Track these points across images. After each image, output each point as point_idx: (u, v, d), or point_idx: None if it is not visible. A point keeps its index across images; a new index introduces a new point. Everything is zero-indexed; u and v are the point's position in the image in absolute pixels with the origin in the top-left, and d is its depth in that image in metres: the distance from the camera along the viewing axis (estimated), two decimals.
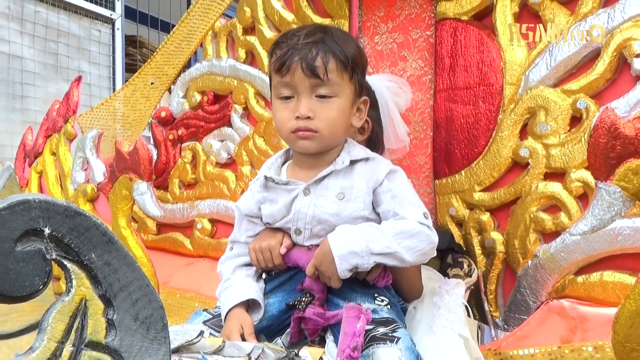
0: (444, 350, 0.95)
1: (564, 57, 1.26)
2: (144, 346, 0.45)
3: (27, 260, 0.41)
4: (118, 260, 0.45)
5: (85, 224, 0.43)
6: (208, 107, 1.99)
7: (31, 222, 0.41)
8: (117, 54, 3.29)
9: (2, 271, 0.39)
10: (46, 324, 0.42)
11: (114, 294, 0.45)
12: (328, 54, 1.02)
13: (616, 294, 1.21)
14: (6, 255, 0.40)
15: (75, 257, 0.43)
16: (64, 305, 0.43)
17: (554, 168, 1.28)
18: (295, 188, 1.05)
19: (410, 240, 0.96)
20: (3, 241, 0.39)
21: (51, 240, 0.42)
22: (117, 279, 0.45)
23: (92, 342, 0.44)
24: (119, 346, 0.44)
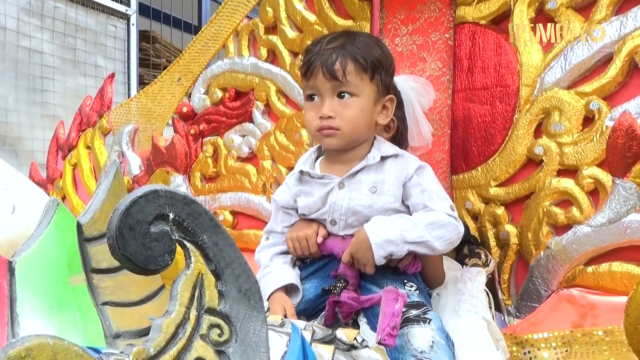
0: (469, 332, 1.04)
1: (578, 61, 1.34)
2: (247, 313, 0.53)
3: (158, 240, 0.48)
4: (223, 241, 0.53)
5: (198, 210, 0.51)
6: (229, 103, 2.06)
7: (160, 208, 0.49)
8: (132, 49, 3.35)
9: (142, 249, 0.47)
10: (176, 292, 0.50)
11: (222, 269, 0.53)
12: (347, 57, 1.11)
13: (624, 283, 1.30)
14: (144, 235, 0.47)
15: (192, 238, 0.51)
16: (187, 277, 0.51)
17: (567, 165, 1.36)
18: (330, 182, 1.14)
19: (440, 230, 1.05)
20: (141, 223, 0.47)
21: (174, 224, 0.50)
22: (223, 257, 0.53)
23: (209, 308, 0.52)
24: (229, 312, 0.52)
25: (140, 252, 0.47)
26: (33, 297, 0.46)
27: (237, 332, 0.51)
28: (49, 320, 0.47)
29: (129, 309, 0.52)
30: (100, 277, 0.51)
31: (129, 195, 0.48)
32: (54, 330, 0.47)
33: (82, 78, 3.09)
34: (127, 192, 1.58)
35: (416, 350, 0.92)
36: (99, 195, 0.55)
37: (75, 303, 0.49)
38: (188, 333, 0.49)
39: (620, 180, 0.89)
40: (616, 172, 0.90)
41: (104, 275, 0.51)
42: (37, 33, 2.82)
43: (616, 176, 0.90)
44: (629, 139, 0.88)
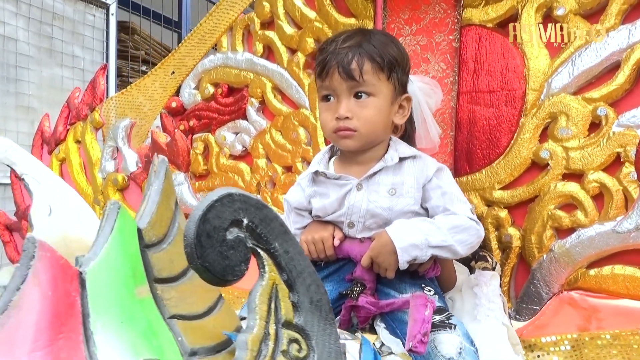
0: (489, 337, 1.04)
1: (586, 68, 1.36)
2: (320, 325, 0.50)
3: (234, 247, 0.45)
4: (293, 249, 0.49)
5: (270, 215, 0.48)
6: (222, 99, 2.00)
7: (235, 213, 0.45)
8: (111, 40, 3.22)
9: (219, 258, 0.43)
10: (254, 305, 0.46)
11: (294, 279, 0.49)
12: (363, 56, 1.08)
13: (626, 286, 1.32)
14: (220, 242, 0.43)
15: (264, 245, 0.47)
16: (263, 288, 0.47)
17: (572, 169, 1.38)
18: (347, 183, 1.11)
19: (462, 234, 1.03)
20: (218, 230, 0.43)
21: (247, 230, 0.46)
22: (294, 266, 0.49)
23: (286, 321, 0.48)
24: (304, 325, 0.49)
25: (218, 261, 0.43)
26: (105, 311, 0.41)
27: (314, 347, 0.48)
28: (123, 337, 0.42)
29: (196, 322, 0.48)
30: (164, 288, 0.47)
31: (205, 200, 0.44)
32: (130, 349, 0.42)
33: (59, 68, 2.94)
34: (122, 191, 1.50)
35: (444, 356, 0.91)
36: (152, 197, 0.50)
37: (144, 317, 0.45)
38: (271, 350, 0.45)
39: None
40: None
41: (166, 285, 0.47)
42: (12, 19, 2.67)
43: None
44: None
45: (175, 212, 0.52)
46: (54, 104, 2.78)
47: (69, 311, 0.38)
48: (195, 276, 0.51)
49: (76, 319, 0.39)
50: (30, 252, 0.37)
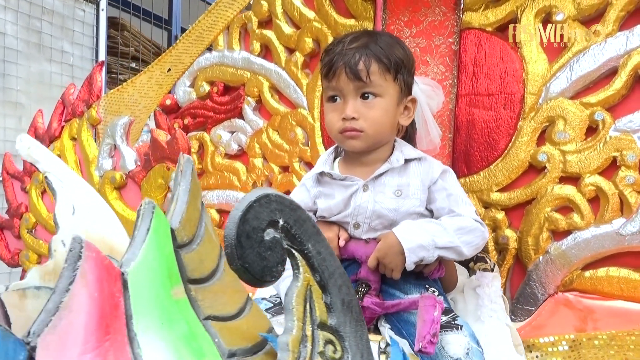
0: (493, 337, 1.05)
1: (584, 73, 1.38)
2: (352, 326, 0.50)
3: (271, 248, 0.44)
4: (325, 250, 0.49)
5: (303, 216, 0.48)
6: (218, 97, 1.99)
7: (271, 214, 0.44)
8: (101, 36, 3.17)
9: (258, 259, 0.43)
10: (291, 306, 0.46)
11: (326, 280, 0.49)
12: (370, 57, 1.08)
13: (620, 287, 1.35)
14: (259, 243, 0.43)
15: (298, 246, 0.47)
16: (298, 289, 0.47)
17: (569, 173, 1.40)
18: (353, 184, 1.11)
19: (468, 236, 1.04)
20: (256, 231, 0.43)
21: (282, 231, 0.46)
22: (326, 267, 0.49)
23: (321, 323, 0.48)
24: (337, 327, 0.49)
25: (256, 262, 0.43)
26: (147, 313, 0.40)
27: (348, 348, 0.48)
28: (164, 339, 0.41)
29: (230, 324, 0.47)
30: (197, 288, 0.46)
31: (243, 200, 0.43)
32: (173, 351, 0.41)
33: (47, 63, 2.89)
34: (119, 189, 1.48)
35: (451, 357, 0.92)
36: (180, 196, 0.50)
37: (182, 319, 0.44)
38: (309, 351, 0.45)
39: None
40: None
41: (199, 286, 0.46)
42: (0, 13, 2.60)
43: None
44: None
45: (202, 211, 0.52)
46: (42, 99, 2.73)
47: (114, 312, 0.37)
48: (225, 277, 0.51)
49: (121, 320, 0.38)
50: (76, 252, 0.36)
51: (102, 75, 1.54)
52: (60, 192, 0.53)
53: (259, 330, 0.50)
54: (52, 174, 0.55)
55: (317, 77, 1.78)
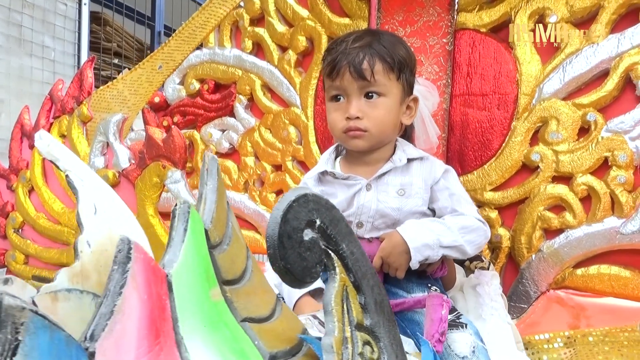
0: (495, 335, 1.06)
1: (576, 75, 1.41)
2: (386, 327, 0.50)
3: (310, 249, 0.44)
4: (357, 250, 0.49)
5: (337, 216, 0.47)
6: (208, 95, 1.96)
7: (309, 214, 0.44)
8: (83, 31, 3.10)
9: (298, 259, 0.42)
10: (330, 307, 0.45)
11: (359, 280, 0.49)
12: (374, 56, 1.08)
13: (611, 285, 1.38)
14: (299, 243, 0.43)
15: (334, 246, 0.47)
16: (336, 290, 0.47)
17: (562, 172, 1.42)
18: (356, 183, 1.11)
19: (472, 235, 1.05)
20: (296, 231, 0.42)
21: (319, 231, 0.46)
22: (359, 267, 0.49)
23: (358, 324, 0.48)
24: (372, 327, 0.48)
25: (297, 262, 0.42)
26: (190, 315, 0.39)
27: (383, 349, 0.48)
28: (208, 342, 0.40)
29: (266, 325, 0.46)
30: (231, 290, 0.45)
31: (283, 200, 0.43)
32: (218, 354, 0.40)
33: (28, 58, 2.80)
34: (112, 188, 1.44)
35: (458, 355, 0.92)
36: (209, 196, 0.49)
37: (222, 321, 0.43)
38: (350, 352, 0.44)
39: None
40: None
41: (233, 287, 0.45)
42: None
43: None
44: None
45: (228, 211, 0.51)
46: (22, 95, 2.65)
47: (162, 315, 0.36)
48: (254, 277, 0.50)
49: (168, 323, 0.37)
50: (125, 254, 0.35)
51: (92, 72, 1.51)
52: (82, 192, 0.51)
53: (293, 332, 0.49)
54: (73, 173, 0.53)
55: (310, 75, 1.78)
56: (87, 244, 0.48)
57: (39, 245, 1.53)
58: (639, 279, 1.35)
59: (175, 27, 4.53)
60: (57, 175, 1.48)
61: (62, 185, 1.47)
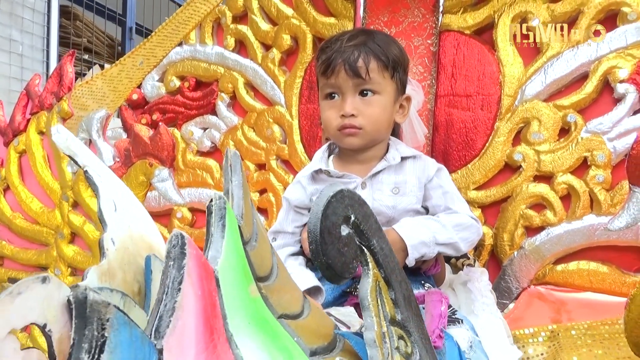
0: (488, 330, 1.08)
1: (557, 77, 1.45)
2: (415, 321, 0.50)
3: (347, 244, 0.44)
4: (386, 246, 0.49)
5: (368, 212, 0.47)
6: (189, 93, 1.93)
7: (345, 209, 0.44)
8: (52, 25, 2.99)
9: (337, 254, 0.42)
10: (367, 302, 0.45)
11: (389, 275, 0.49)
12: (369, 55, 1.10)
13: (590, 280, 1.43)
14: (337, 238, 0.43)
15: (366, 242, 0.47)
16: (370, 286, 0.47)
17: (543, 171, 1.47)
18: (351, 182, 1.12)
19: (465, 232, 1.07)
20: (335, 226, 0.42)
21: (353, 227, 0.46)
22: (388, 263, 0.49)
23: (392, 319, 0.48)
24: (403, 321, 0.49)
25: (337, 257, 0.42)
26: (236, 312, 0.38)
27: (415, 343, 0.48)
28: (254, 339, 0.39)
29: (301, 322, 0.46)
30: (265, 286, 0.44)
31: (322, 196, 0.43)
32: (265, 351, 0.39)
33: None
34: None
35: None
36: (236, 192, 0.48)
37: (262, 317, 0.42)
38: (389, 347, 0.45)
39: (639, 189, 0.99)
40: (636, 181, 1.00)
41: (266, 284, 0.45)
42: None
43: (636, 185, 1.00)
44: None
45: (253, 207, 0.50)
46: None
47: (214, 312, 0.35)
48: (281, 274, 0.50)
49: (219, 320, 0.36)
50: (179, 249, 0.34)
51: (72, 66, 1.46)
52: (102, 188, 0.50)
53: (326, 328, 0.49)
54: (92, 169, 0.51)
55: (295, 74, 1.77)
56: (112, 242, 0.47)
57: (16, 246, 1.47)
58: (616, 274, 1.40)
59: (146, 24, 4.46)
60: (36, 173, 1.43)
61: (41, 184, 1.42)
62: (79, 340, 0.28)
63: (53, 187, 1.40)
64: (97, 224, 1.34)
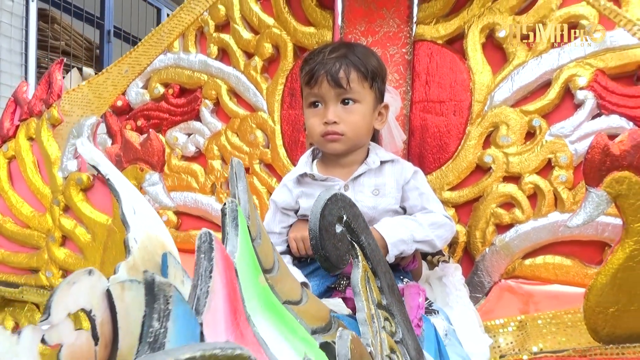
0: (462, 320, 1.17)
1: (523, 84, 1.56)
2: (397, 306, 0.58)
3: (341, 240, 0.51)
4: (372, 242, 0.57)
5: (357, 212, 0.55)
6: (173, 99, 1.99)
7: (339, 210, 0.52)
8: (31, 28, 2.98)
9: (333, 249, 0.50)
10: (358, 289, 0.53)
11: (375, 266, 0.57)
12: (350, 66, 1.18)
13: (555, 273, 1.54)
14: (333, 235, 0.50)
15: (356, 238, 0.55)
16: (360, 275, 0.54)
17: (511, 172, 1.57)
18: (334, 184, 1.20)
19: (440, 230, 1.16)
20: (331, 225, 0.50)
21: (345, 225, 0.53)
22: (374, 256, 0.57)
23: (379, 303, 0.55)
24: (388, 305, 0.56)
25: (333, 251, 0.50)
26: (251, 297, 0.45)
27: (397, 324, 0.56)
28: (267, 319, 0.45)
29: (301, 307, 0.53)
30: (270, 277, 0.51)
31: (319, 200, 0.50)
32: (277, 330, 0.46)
33: None
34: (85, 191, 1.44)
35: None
36: (242, 196, 0.55)
37: (271, 302, 0.49)
38: (377, 325, 0.52)
39: (594, 189, 1.09)
40: (591, 182, 1.10)
41: (270, 275, 0.52)
42: None
43: (591, 185, 1.10)
44: (604, 156, 1.07)
45: (255, 209, 0.57)
46: None
47: (235, 296, 0.42)
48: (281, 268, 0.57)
49: (240, 303, 0.43)
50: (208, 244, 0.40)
51: (61, 74, 1.50)
52: (123, 194, 0.56)
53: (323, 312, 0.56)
54: (113, 177, 0.58)
55: (276, 81, 1.84)
56: (135, 241, 0.53)
57: (6, 249, 1.50)
58: (578, 267, 1.51)
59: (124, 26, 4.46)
60: (26, 179, 1.47)
61: (32, 189, 1.46)
62: (150, 311, 0.35)
63: (44, 192, 1.43)
64: (87, 227, 1.39)
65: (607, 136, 1.16)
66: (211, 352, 0.25)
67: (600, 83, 1.48)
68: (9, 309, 1.55)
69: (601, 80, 1.48)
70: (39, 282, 1.46)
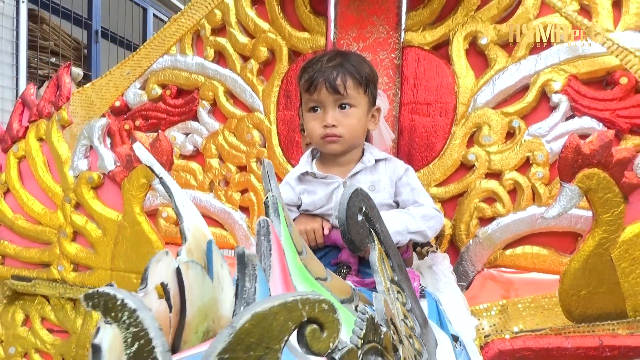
0: (451, 305, 1.29)
1: (503, 88, 1.69)
2: (406, 282, 0.69)
3: (362, 227, 0.62)
4: (385, 229, 0.68)
5: (372, 204, 0.66)
6: (171, 100, 2.07)
7: (359, 202, 0.62)
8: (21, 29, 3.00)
9: (357, 234, 0.60)
10: (376, 267, 0.64)
11: (387, 249, 0.67)
12: (346, 74, 1.29)
13: (533, 262, 1.68)
14: (356, 223, 0.61)
15: (372, 226, 0.65)
16: (377, 257, 0.65)
17: (493, 169, 1.70)
18: (334, 182, 1.30)
19: (431, 222, 1.28)
20: (354, 214, 0.60)
21: (364, 215, 0.64)
22: (386, 240, 0.67)
23: (392, 279, 0.66)
24: (399, 281, 0.67)
25: (356, 236, 0.60)
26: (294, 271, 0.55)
27: (407, 297, 0.67)
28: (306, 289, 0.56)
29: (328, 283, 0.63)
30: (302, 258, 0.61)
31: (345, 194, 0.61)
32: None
33: None
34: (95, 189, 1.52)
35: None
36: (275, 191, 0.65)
37: (307, 277, 0.59)
38: (392, 297, 0.63)
39: (567, 185, 1.22)
40: (565, 178, 1.22)
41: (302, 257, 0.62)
42: None
43: (565, 181, 1.22)
44: (576, 154, 1.20)
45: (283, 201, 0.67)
46: None
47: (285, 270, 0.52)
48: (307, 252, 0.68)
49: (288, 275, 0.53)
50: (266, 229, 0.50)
51: (69, 77, 1.57)
52: (175, 191, 0.66)
53: (346, 287, 0.67)
54: (165, 177, 0.67)
55: (272, 84, 1.94)
56: (188, 229, 0.63)
57: (18, 245, 1.57)
58: (554, 256, 1.65)
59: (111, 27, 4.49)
60: (37, 177, 1.53)
61: (43, 187, 1.53)
62: (242, 275, 0.45)
63: (54, 190, 1.50)
64: (98, 223, 1.47)
65: (579, 136, 1.29)
66: (306, 297, 0.35)
67: (573, 87, 1.61)
68: (19, 302, 1.62)
69: (574, 84, 1.61)
70: (51, 275, 1.53)
